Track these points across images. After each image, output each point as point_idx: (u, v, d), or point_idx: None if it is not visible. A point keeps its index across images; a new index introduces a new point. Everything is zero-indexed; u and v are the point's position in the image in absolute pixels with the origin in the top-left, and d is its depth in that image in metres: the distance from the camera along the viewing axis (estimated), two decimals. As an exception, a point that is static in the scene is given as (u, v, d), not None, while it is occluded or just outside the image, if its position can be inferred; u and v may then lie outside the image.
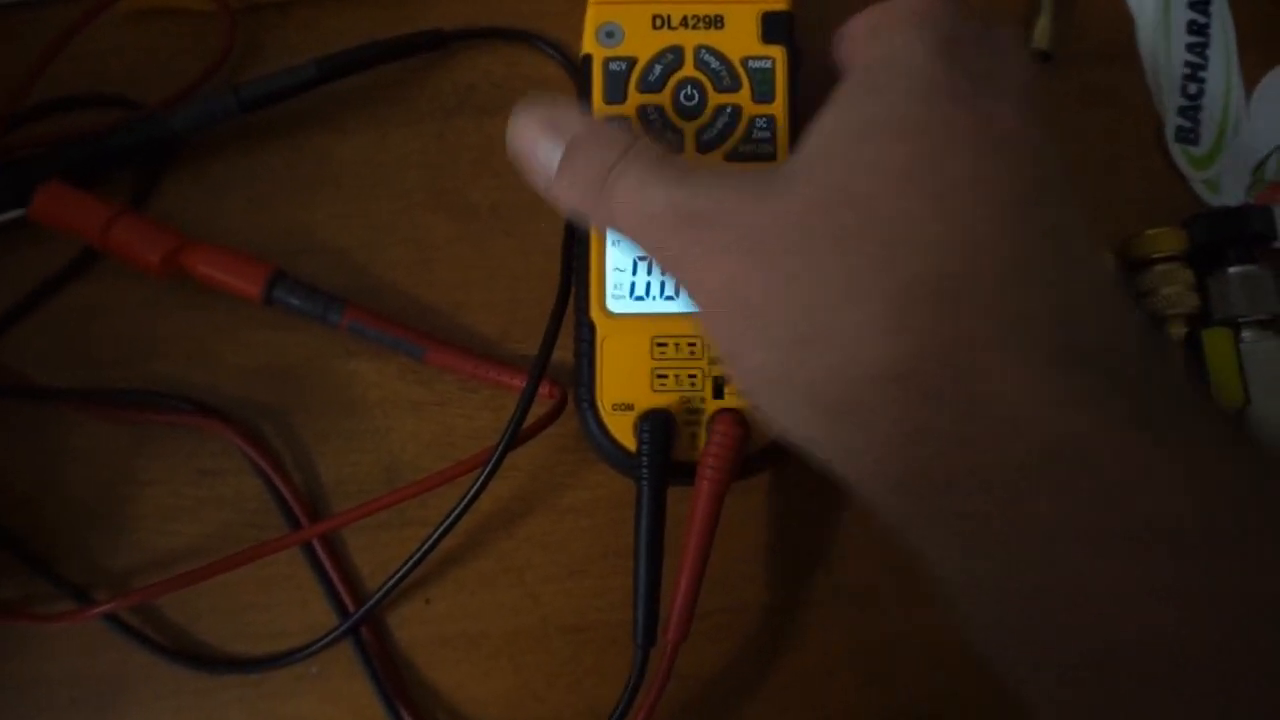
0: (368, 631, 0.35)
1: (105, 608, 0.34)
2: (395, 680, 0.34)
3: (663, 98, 0.33)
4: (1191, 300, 0.36)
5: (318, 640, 0.34)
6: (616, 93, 0.33)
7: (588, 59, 0.33)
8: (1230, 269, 0.36)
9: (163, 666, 0.34)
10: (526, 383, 0.33)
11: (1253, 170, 0.40)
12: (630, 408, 0.32)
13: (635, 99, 0.33)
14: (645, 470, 0.30)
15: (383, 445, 0.36)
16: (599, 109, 0.33)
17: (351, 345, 0.36)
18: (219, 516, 0.36)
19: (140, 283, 0.36)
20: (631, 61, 0.33)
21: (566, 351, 0.34)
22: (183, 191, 0.37)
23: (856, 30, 0.25)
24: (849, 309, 0.21)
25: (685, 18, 0.33)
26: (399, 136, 0.38)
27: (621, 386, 0.32)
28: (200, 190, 0.37)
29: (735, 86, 0.33)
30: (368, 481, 0.36)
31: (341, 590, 0.35)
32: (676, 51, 0.33)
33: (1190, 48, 0.40)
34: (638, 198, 0.24)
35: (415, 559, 0.34)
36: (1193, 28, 0.41)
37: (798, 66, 0.33)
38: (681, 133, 0.33)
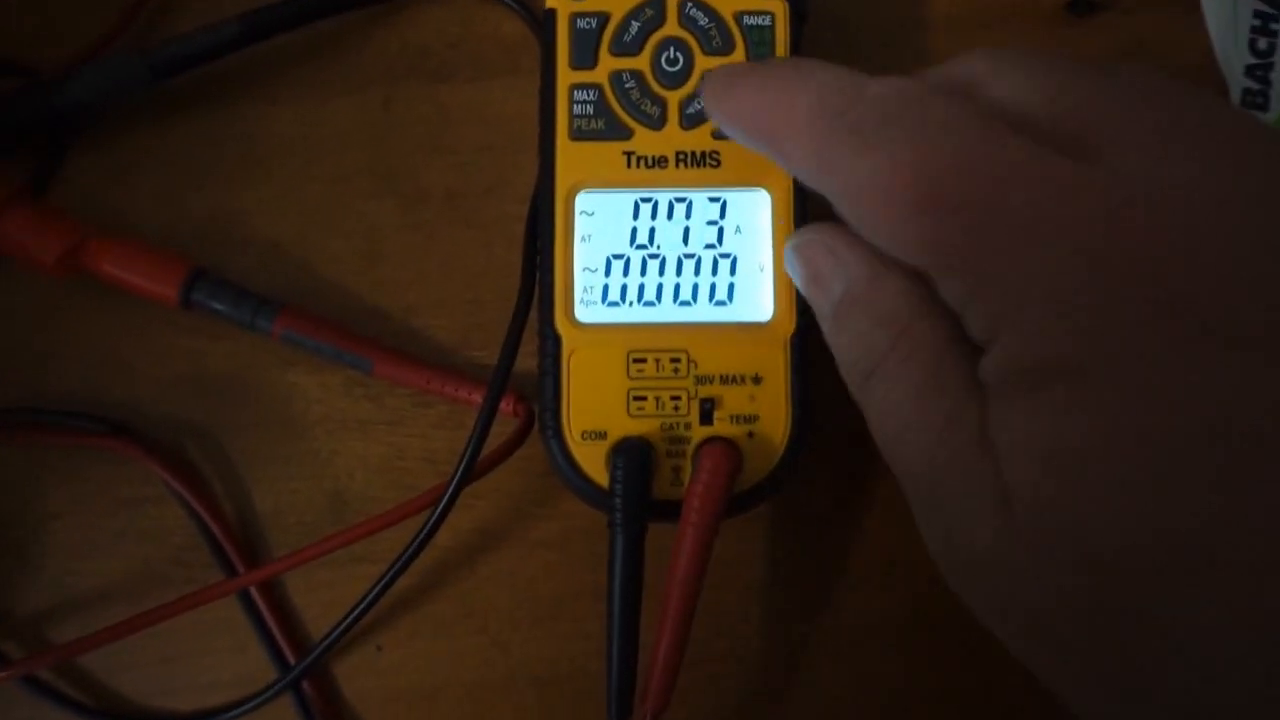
0: (311, 685, 0.30)
1: (13, 671, 0.29)
2: (343, 739, 0.30)
3: (640, 61, 0.27)
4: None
5: (255, 695, 0.30)
6: (585, 55, 0.28)
7: (551, 14, 0.28)
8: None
9: (78, 726, 0.30)
10: (483, 403, 0.28)
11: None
12: (603, 436, 0.27)
13: (608, 63, 0.28)
14: (618, 515, 0.26)
15: (326, 470, 0.31)
16: (565, 75, 0.28)
17: (288, 353, 0.31)
18: (140, 552, 0.31)
19: (36, 282, 0.31)
20: (603, 18, 0.28)
21: (535, 359, 0.29)
22: (86, 175, 0.32)
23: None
24: None
25: (667, -36, 0.27)
26: (338, 107, 0.33)
27: (592, 410, 0.27)
28: (106, 173, 0.32)
29: (728, 47, 0.27)
30: (309, 511, 0.31)
31: (280, 638, 0.31)
32: (658, 5, 0.28)
33: (1265, -9, 0.34)
34: (892, 423, 0.20)
35: (363, 605, 0.29)
36: (1269, -33, 0.35)
37: (802, 23, 0.28)
38: (664, 103, 0.27)
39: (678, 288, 0.27)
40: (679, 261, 0.27)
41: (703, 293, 0.27)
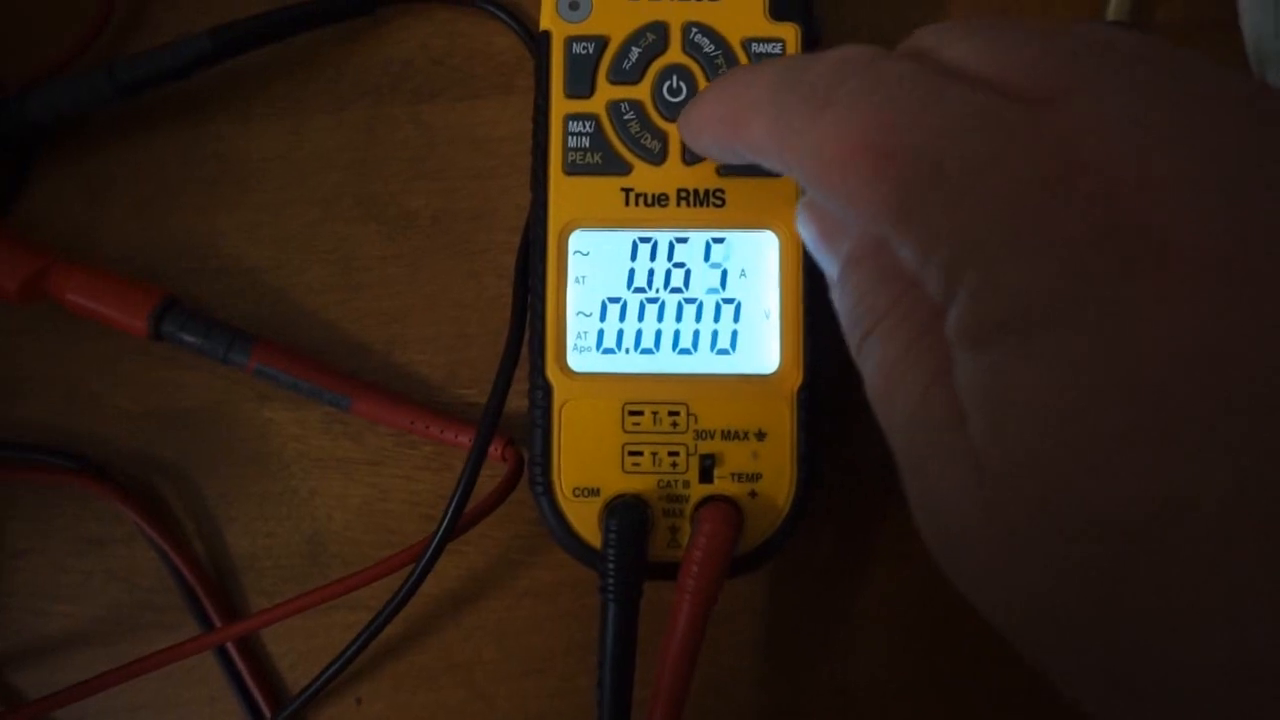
0: (286, 738, 0.29)
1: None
2: (320, 795, 0.29)
3: (641, 90, 0.26)
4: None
5: (227, 748, 0.28)
6: (581, 83, 0.26)
7: (545, 37, 0.26)
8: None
9: (41, 780, 0.29)
10: (471, 452, 0.26)
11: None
12: (595, 493, 0.25)
13: (605, 92, 0.26)
14: (610, 581, 0.24)
15: (303, 511, 0.30)
16: (559, 104, 0.26)
17: (264, 387, 0.30)
18: (108, 594, 0.30)
19: (2, 312, 0.30)
20: (602, 42, 0.26)
21: (525, 398, 0.27)
22: (50, 197, 0.31)
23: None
24: None
25: (671, -14, 0.25)
26: (317, 127, 0.31)
27: (585, 466, 0.25)
28: (72, 195, 0.31)
29: (734, 78, 0.25)
30: (286, 554, 0.30)
31: (255, 689, 0.29)
32: (660, 30, 0.26)
33: (1302, 12, 0.33)
34: (883, 383, 0.19)
35: (343, 660, 0.28)
36: (1306, -13, 0.33)
37: (815, 46, 0.26)
38: (665, 137, 0.26)
39: (677, 335, 0.26)
40: (679, 307, 0.26)
41: (704, 341, 0.25)
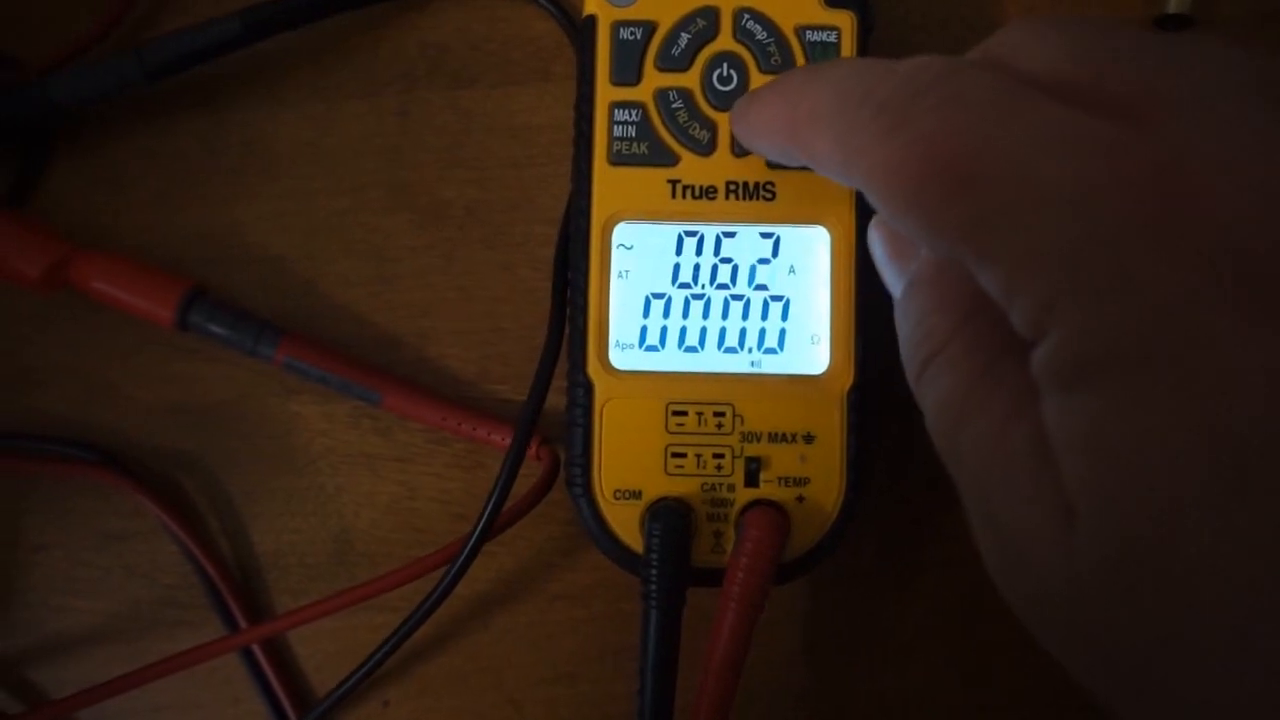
0: (311, 742, 0.28)
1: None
2: (344, 800, 0.28)
3: (690, 78, 0.25)
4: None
5: (250, 751, 0.28)
6: (628, 69, 0.25)
7: (591, 21, 0.25)
8: None
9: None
10: (509, 451, 0.25)
11: None
12: (637, 496, 0.24)
13: (653, 79, 0.25)
14: (653, 588, 0.23)
15: (330, 508, 0.29)
16: (605, 91, 0.25)
17: (291, 381, 0.29)
18: (128, 591, 0.29)
19: (21, 299, 0.29)
20: (650, 28, 0.25)
21: (561, 396, 0.26)
22: (73, 184, 0.30)
23: None
24: None
25: (723, -29, 0.24)
26: (350, 113, 0.30)
27: (626, 468, 0.24)
28: (96, 182, 0.30)
29: (787, 65, 0.25)
30: (311, 553, 0.29)
31: (280, 691, 0.28)
32: (710, 16, 0.25)
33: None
34: (948, 418, 0.18)
35: (371, 663, 0.27)
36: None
37: (869, 33, 0.25)
38: (714, 127, 0.25)
39: (723, 333, 0.25)
40: (725, 303, 0.25)
41: (751, 339, 0.25)
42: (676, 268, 0.25)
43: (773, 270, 0.25)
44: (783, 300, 0.25)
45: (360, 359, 0.28)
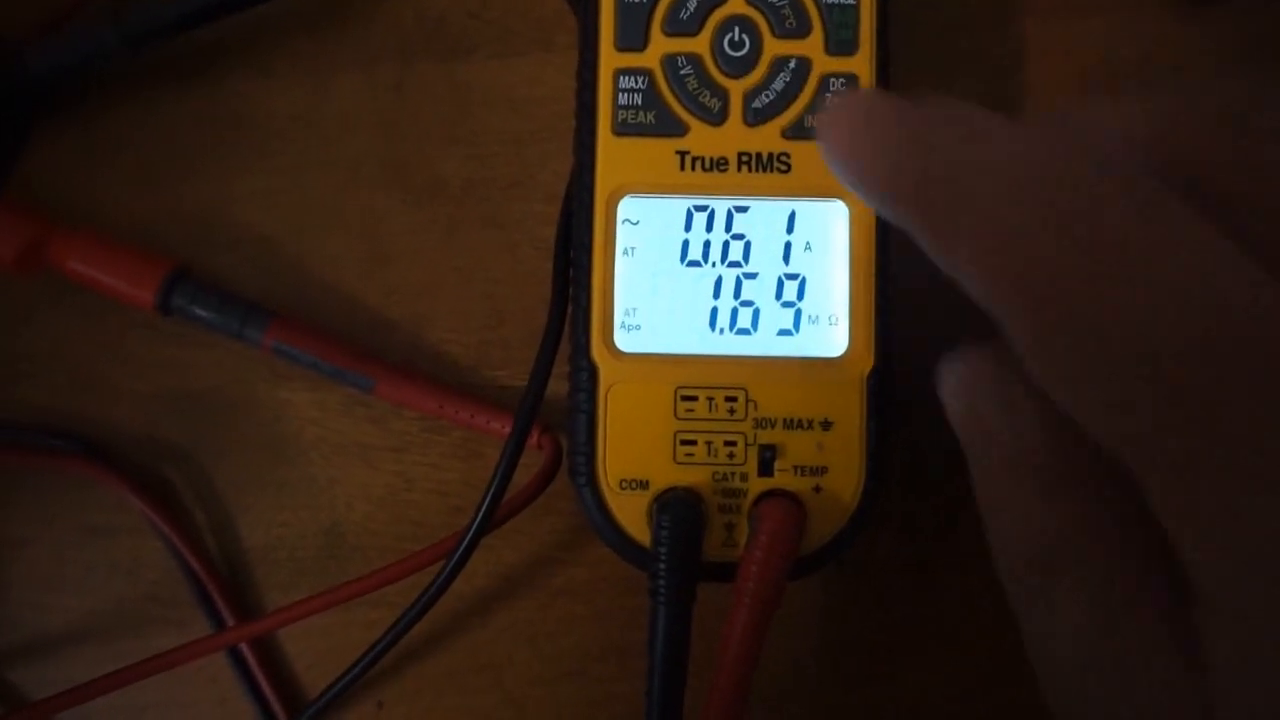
0: (302, 745, 0.27)
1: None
2: (337, 806, 0.27)
3: (699, 43, 0.23)
4: None
5: (238, 754, 0.26)
6: (633, 34, 0.23)
7: (593, -15, 0.24)
8: None
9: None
10: (509, 440, 0.24)
11: None
12: (644, 486, 0.23)
13: (660, 44, 0.23)
14: (662, 583, 0.22)
15: (322, 500, 0.28)
16: (609, 57, 0.23)
17: (281, 367, 0.28)
18: (112, 587, 0.28)
19: (1, 284, 0.28)
20: (656, -10, 0.23)
21: (562, 382, 0.25)
22: (56, 160, 0.28)
23: None
24: None
25: (733, -72, 0.23)
26: (343, 85, 0.28)
27: (632, 456, 0.23)
28: (75, 158, 0.28)
29: (803, 30, 0.23)
30: (302, 547, 0.28)
31: (269, 691, 0.27)
32: (720, -23, 0.23)
33: None
34: (1066, 652, 0.15)
35: (365, 662, 0.26)
36: None
37: (887, 2, 0.24)
38: (725, 95, 0.23)
39: (735, 313, 0.23)
40: (738, 282, 0.23)
41: (765, 320, 0.23)
42: (685, 244, 0.23)
43: (788, 247, 0.23)
44: (798, 279, 0.23)
45: (353, 344, 0.27)
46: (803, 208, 0.23)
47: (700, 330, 0.23)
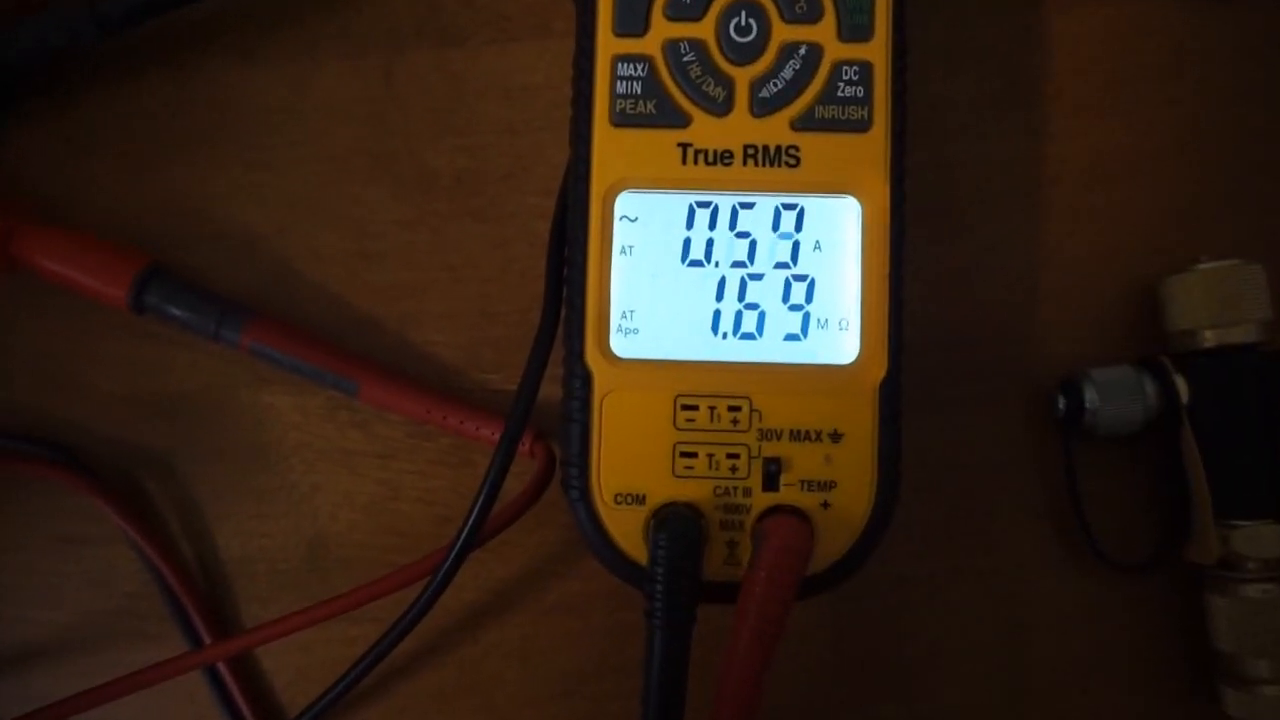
0: (281, 766, 0.26)
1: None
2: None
3: (703, 28, 0.22)
4: None
5: (214, 775, 0.25)
6: (633, 18, 0.22)
7: (590, -36, 0.22)
8: None
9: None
10: (497, 448, 0.23)
11: None
12: (641, 500, 0.22)
13: (662, 29, 0.22)
14: (658, 605, 0.20)
15: (304, 509, 0.27)
16: (607, 43, 0.22)
17: (262, 369, 0.26)
18: (85, 600, 0.27)
19: (-34, 279, 0.27)
20: (657, -29, 0.22)
21: (558, 386, 0.23)
22: (30, 151, 0.27)
23: None
24: None
25: (740, -93, 0.22)
26: (331, 73, 0.27)
27: (629, 468, 0.22)
28: (55, 149, 0.27)
29: (814, 14, 0.22)
30: (283, 558, 0.27)
31: (246, 711, 0.26)
32: (725, -42, 0.22)
33: None
34: None
35: (346, 682, 0.24)
36: None
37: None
38: (730, 83, 0.22)
39: (739, 317, 0.22)
40: (742, 283, 0.22)
41: (771, 324, 0.22)
42: (687, 243, 0.22)
43: (796, 246, 0.22)
44: (807, 280, 0.22)
45: (336, 345, 0.26)
46: (812, 204, 0.22)
47: (702, 335, 0.22)
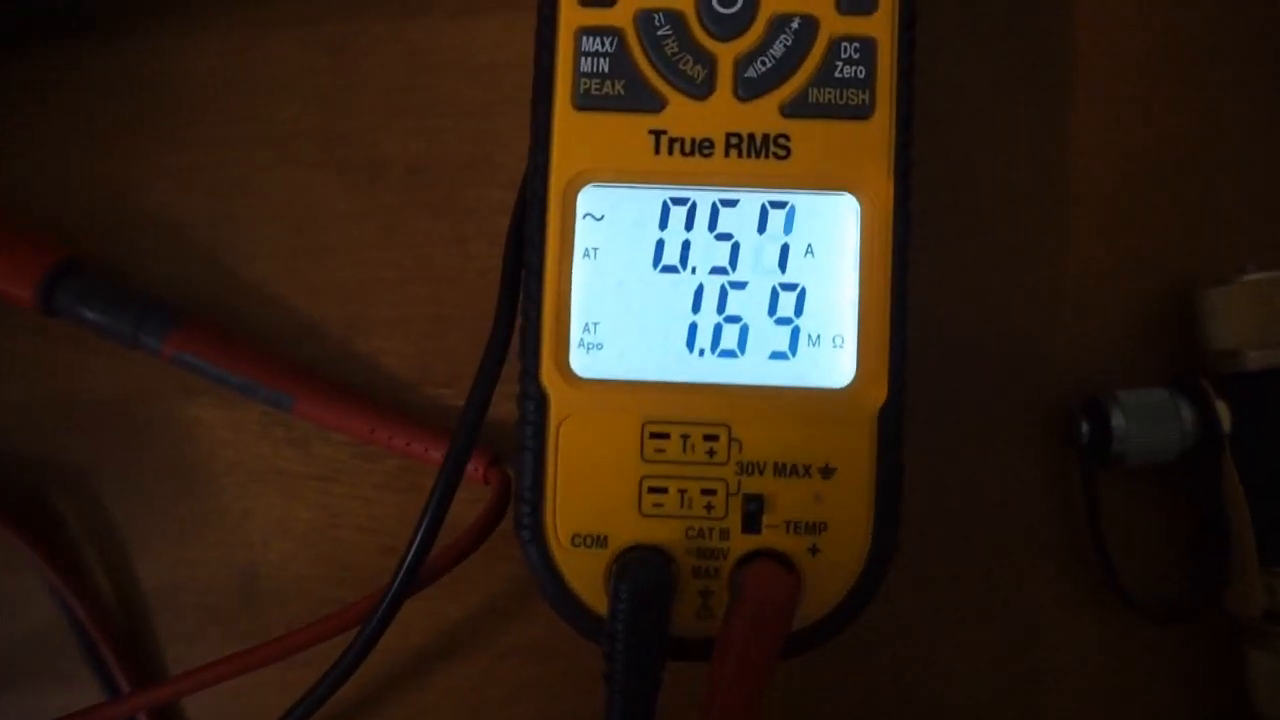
0: (203, 824, 0.23)
1: None
2: None
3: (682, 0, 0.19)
4: None
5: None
6: (603, -13, 0.19)
7: (555, -78, 0.20)
8: None
9: None
10: (439, 476, 0.20)
11: None
12: (603, 543, 0.19)
13: (634, -1, 0.19)
14: (617, 665, 0.18)
15: (236, 537, 0.24)
16: (571, 13, 0.19)
17: (191, 378, 0.24)
18: (-11, 632, 0.24)
19: None
20: (630, -69, 0.20)
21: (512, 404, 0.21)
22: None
23: None
24: None
25: None
26: (276, 47, 0.25)
27: (589, 505, 0.19)
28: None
29: (806, -19, 0.19)
30: (212, 591, 0.24)
31: (166, 760, 0.23)
32: (708, -84, 0.19)
33: None
34: None
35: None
36: None
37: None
38: (712, 61, 0.19)
39: (718, 331, 0.19)
40: (722, 293, 0.19)
41: (755, 340, 0.19)
42: (660, 245, 0.20)
43: (785, 250, 0.19)
44: (796, 289, 0.19)
45: (272, 353, 0.24)
46: (804, 202, 0.19)
47: (675, 352, 0.20)
